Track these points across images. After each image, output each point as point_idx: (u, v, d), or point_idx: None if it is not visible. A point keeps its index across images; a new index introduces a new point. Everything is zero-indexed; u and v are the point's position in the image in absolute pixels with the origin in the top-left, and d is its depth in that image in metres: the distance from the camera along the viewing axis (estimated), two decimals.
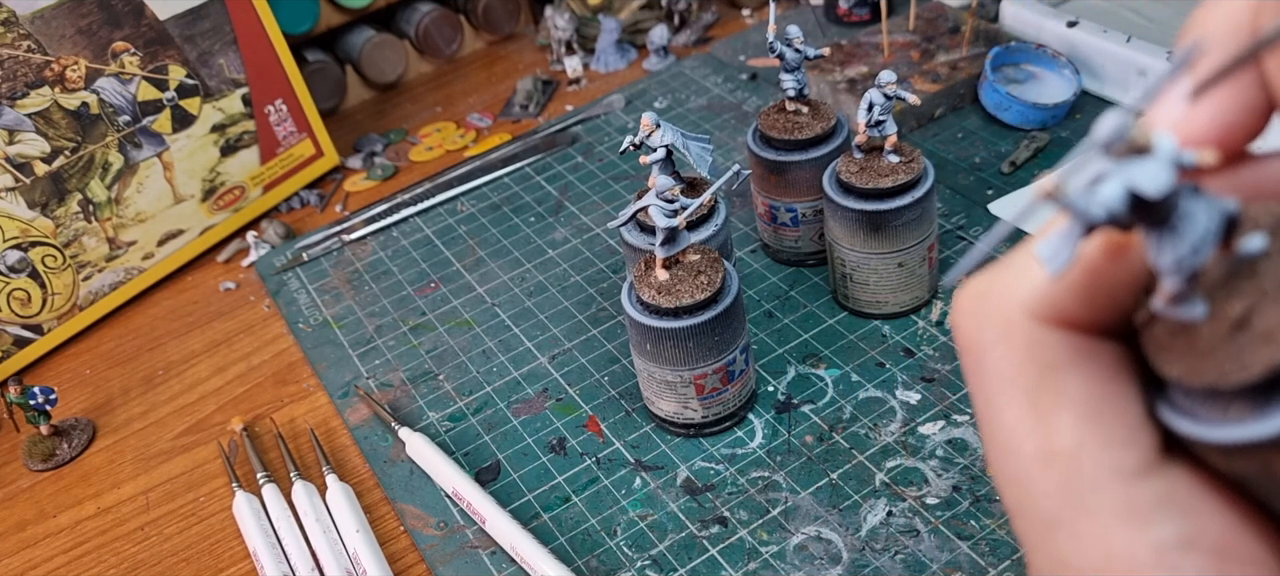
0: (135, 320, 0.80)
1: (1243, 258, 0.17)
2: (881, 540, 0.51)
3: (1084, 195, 0.16)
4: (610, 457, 0.59)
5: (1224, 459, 0.17)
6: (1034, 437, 0.18)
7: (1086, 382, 0.18)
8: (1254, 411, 0.16)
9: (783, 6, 1.02)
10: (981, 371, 0.19)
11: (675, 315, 0.54)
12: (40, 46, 0.74)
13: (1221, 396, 0.16)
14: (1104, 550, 0.17)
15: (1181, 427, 0.17)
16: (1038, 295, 0.18)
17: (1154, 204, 0.16)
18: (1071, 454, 0.17)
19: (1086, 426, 0.18)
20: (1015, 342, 0.18)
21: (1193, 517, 0.17)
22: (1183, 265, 0.16)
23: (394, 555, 0.57)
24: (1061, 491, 0.18)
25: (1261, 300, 0.16)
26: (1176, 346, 0.17)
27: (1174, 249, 0.16)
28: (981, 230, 0.69)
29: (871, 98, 0.58)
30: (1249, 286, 0.16)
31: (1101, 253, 0.18)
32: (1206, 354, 0.16)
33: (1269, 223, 0.17)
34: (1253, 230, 0.17)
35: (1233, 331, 0.16)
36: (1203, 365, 0.16)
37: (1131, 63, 0.75)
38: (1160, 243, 0.16)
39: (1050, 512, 0.18)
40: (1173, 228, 0.16)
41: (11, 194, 0.74)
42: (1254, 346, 0.16)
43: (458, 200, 0.84)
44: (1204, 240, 0.16)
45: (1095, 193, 0.16)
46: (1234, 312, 0.16)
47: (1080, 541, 0.17)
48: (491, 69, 1.04)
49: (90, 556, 0.61)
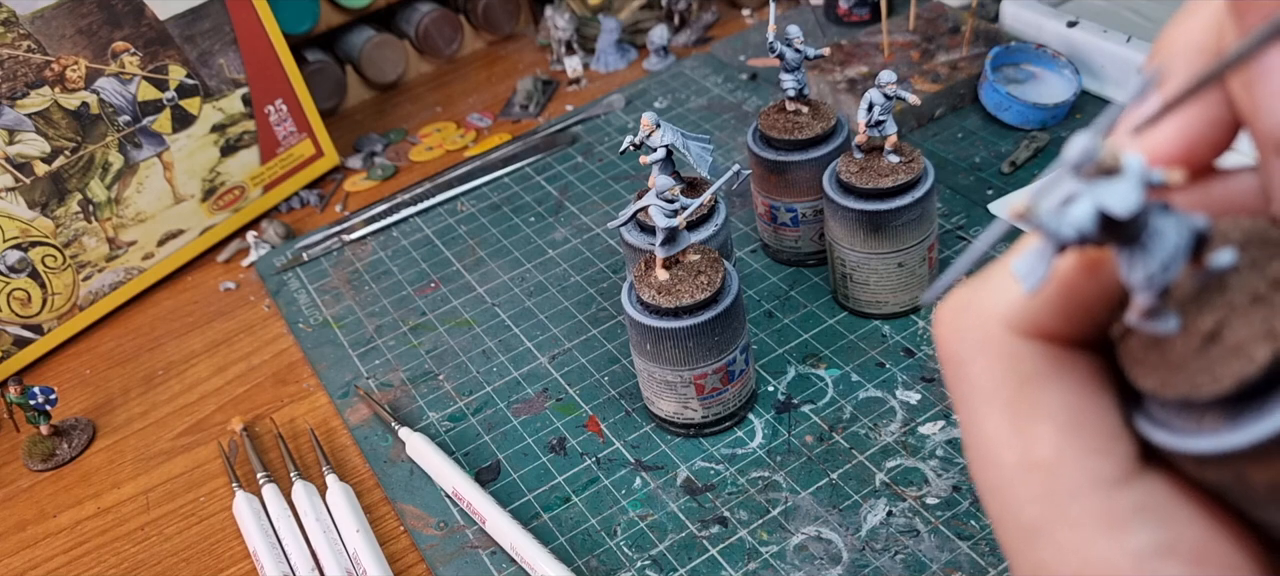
0: (135, 320, 0.80)
1: (1213, 272, 0.17)
2: (881, 540, 0.51)
3: (1055, 216, 0.16)
4: (610, 457, 0.59)
5: (1198, 469, 0.17)
6: (1014, 448, 0.18)
7: (1064, 394, 0.18)
8: (1226, 422, 0.16)
9: (783, 6, 1.02)
10: (962, 383, 0.19)
11: (675, 315, 0.54)
12: (40, 46, 0.74)
13: (1195, 408, 0.17)
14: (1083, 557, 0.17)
15: (1157, 438, 0.18)
16: (1016, 309, 0.18)
17: (1124, 223, 0.16)
18: (1051, 463, 0.18)
19: (1065, 436, 0.18)
20: (994, 355, 0.19)
21: (1171, 525, 0.17)
22: (1154, 281, 0.17)
23: (394, 555, 0.57)
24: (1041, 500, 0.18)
25: (1231, 314, 0.16)
26: (1150, 359, 0.17)
27: (1145, 266, 0.17)
28: (981, 230, 0.69)
29: (871, 98, 0.58)
30: (1219, 300, 0.17)
31: (1076, 268, 0.18)
32: (1179, 367, 0.17)
33: (1238, 237, 0.17)
34: (1222, 245, 0.17)
35: (1204, 344, 0.16)
36: (1176, 377, 0.17)
37: (1131, 63, 0.75)
38: (1131, 260, 0.17)
39: (1030, 521, 0.18)
40: (1143, 245, 0.17)
41: (11, 194, 0.74)
42: (1225, 359, 0.16)
43: (458, 200, 0.84)
44: (1174, 257, 0.16)
45: (1066, 214, 0.16)
46: (1205, 326, 0.17)
47: (1060, 549, 0.18)
48: (491, 69, 1.04)
49: (90, 556, 0.61)
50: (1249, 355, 0.16)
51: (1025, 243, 0.18)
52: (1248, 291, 0.16)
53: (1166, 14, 0.83)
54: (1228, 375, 0.16)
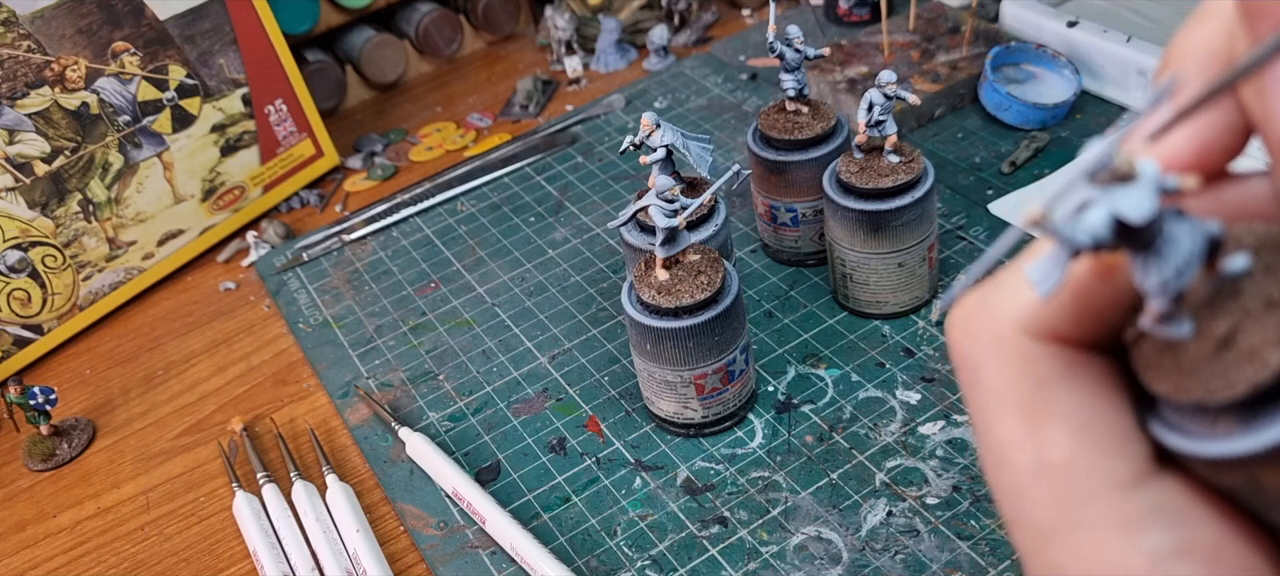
0: (135, 320, 0.80)
1: (1226, 277, 0.17)
2: (881, 540, 0.51)
3: (1070, 222, 0.17)
4: (610, 457, 0.59)
5: (1212, 472, 0.17)
6: (1028, 450, 0.18)
7: (1078, 396, 0.18)
8: (1240, 427, 0.16)
9: (783, 6, 1.02)
10: (976, 386, 0.19)
11: (675, 315, 0.54)
12: (40, 46, 0.74)
13: (1208, 412, 0.17)
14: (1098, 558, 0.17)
15: (1171, 442, 0.18)
16: (1029, 312, 0.19)
17: (1139, 229, 0.16)
18: (1065, 465, 0.18)
19: (1079, 438, 0.18)
20: (1008, 358, 0.19)
21: (1185, 526, 0.17)
22: (1168, 287, 0.17)
23: (394, 555, 0.57)
24: (1056, 502, 0.18)
25: (1245, 319, 0.16)
26: (1164, 364, 0.17)
27: (1159, 271, 0.17)
28: (981, 230, 0.69)
29: (871, 98, 0.58)
30: (1233, 305, 0.17)
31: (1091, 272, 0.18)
32: (1193, 371, 0.17)
33: (1252, 242, 0.17)
34: (1236, 250, 0.17)
35: (1218, 349, 0.17)
36: (1189, 382, 0.17)
37: (1131, 63, 0.75)
38: (1145, 265, 0.17)
39: (1045, 523, 0.18)
40: (1157, 251, 0.17)
41: (11, 194, 0.74)
42: (1239, 364, 0.16)
43: (458, 200, 0.84)
44: (1188, 262, 0.17)
45: (1081, 219, 0.16)
46: (1219, 331, 0.17)
47: (1075, 550, 0.18)
48: (491, 69, 1.04)
49: (90, 556, 0.61)
50: (1263, 360, 0.16)
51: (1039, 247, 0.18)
52: (1261, 296, 0.16)
53: (1166, 14, 0.83)
54: (1241, 380, 0.16)
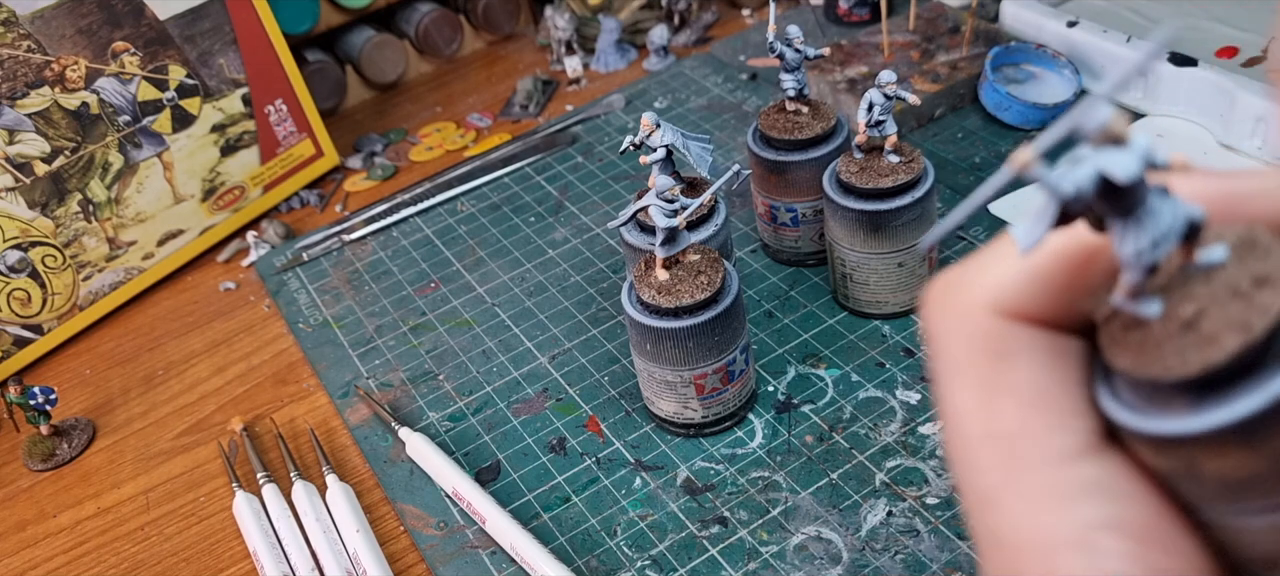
0: (135, 320, 0.80)
1: (1201, 266, 0.17)
2: (881, 540, 0.51)
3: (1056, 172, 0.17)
4: (610, 457, 0.59)
5: (1155, 454, 0.18)
6: (979, 419, 0.19)
7: (1033, 371, 0.19)
8: (1189, 408, 0.17)
9: (783, 6, 1.02)
10: (941, 358, 0.20)
11: (675, 315, 0.54)
12: (40, 46, 0.74)
13: (1161, 391, 0.17)
14: (1031, 524, 0.18)
15: (1118, 416, 0.18)
16: (998, 290, 0.19)
17: (1122, 191, 0.17)
18: (1011, 435, 0.19)
19: (1027, 411, 0.19)
20: (973, 332, 0.20)
21: (1120, 502, 0.18)
22: (1143, 256, 0.17)
23: (394, 555, 0.57)
24: (999, 469, 0.19)
25: (1211, 304, 0.17)
26: (1129, 341, 0.18)
27: (1136, 240, 0.17)
28: (981, 230, 0.69)
29: (871, 98, 0.58)
30: (1202, 291, 0.17)
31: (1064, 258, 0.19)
32: (1154, 349, 0.17)
33: (1232, 239, 0.18)
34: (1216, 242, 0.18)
35: (1182, 331, 0.17)
36: (1148, 359, 0.17)
37: (1131, 63, 0.75)
38: (1124, 232, 0.17)
39: (987, 489, 0.19)
40: (1138, 220, 0.17)
41: (11, 194, 0.74)
42: (1198, 346, 0.17)
43: (458, 200, 0.84)
44: (1165, 236, 0.17)
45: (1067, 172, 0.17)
46: (1185, 314, 0.17)
47: (1011, 515, 0.18)
48: (491, 69, 1.04)
49: (90, 556, 0.61)
50: (1220, 343, 0.16)
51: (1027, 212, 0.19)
52: (1229, 285, 0.17)
53: (1167, 14, 0.83)
54: (1196, 360, 0.17)
